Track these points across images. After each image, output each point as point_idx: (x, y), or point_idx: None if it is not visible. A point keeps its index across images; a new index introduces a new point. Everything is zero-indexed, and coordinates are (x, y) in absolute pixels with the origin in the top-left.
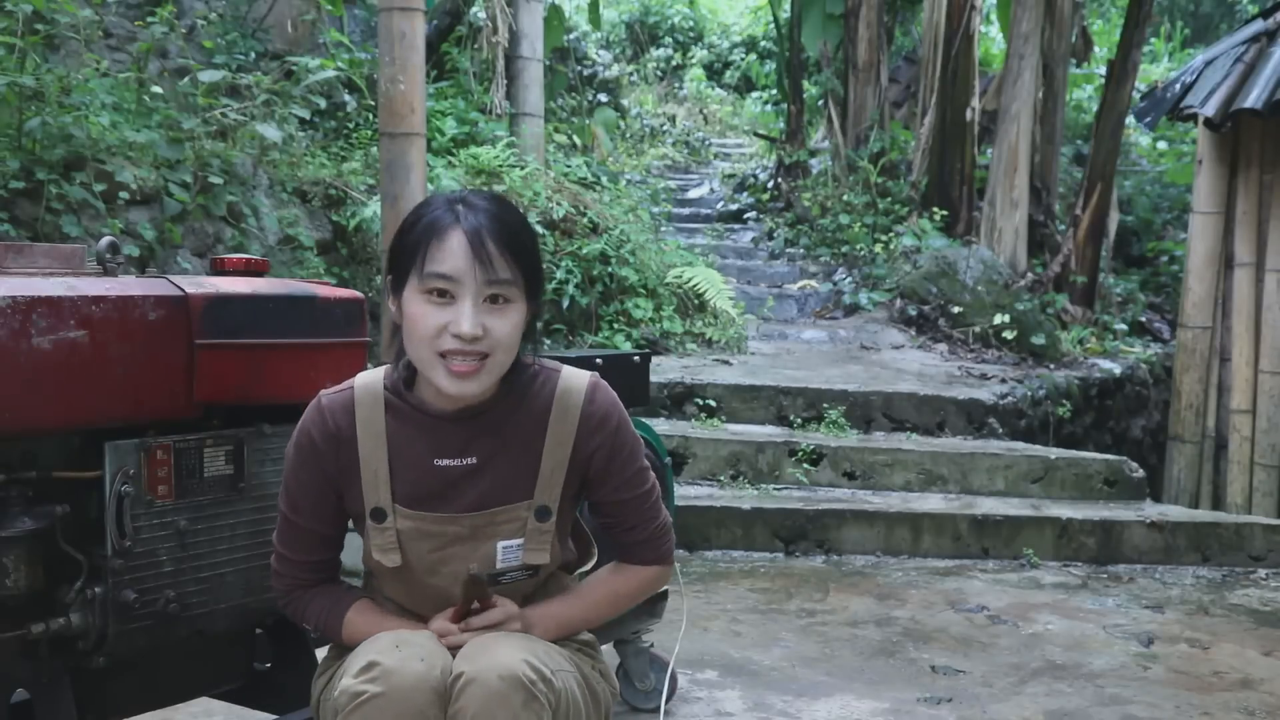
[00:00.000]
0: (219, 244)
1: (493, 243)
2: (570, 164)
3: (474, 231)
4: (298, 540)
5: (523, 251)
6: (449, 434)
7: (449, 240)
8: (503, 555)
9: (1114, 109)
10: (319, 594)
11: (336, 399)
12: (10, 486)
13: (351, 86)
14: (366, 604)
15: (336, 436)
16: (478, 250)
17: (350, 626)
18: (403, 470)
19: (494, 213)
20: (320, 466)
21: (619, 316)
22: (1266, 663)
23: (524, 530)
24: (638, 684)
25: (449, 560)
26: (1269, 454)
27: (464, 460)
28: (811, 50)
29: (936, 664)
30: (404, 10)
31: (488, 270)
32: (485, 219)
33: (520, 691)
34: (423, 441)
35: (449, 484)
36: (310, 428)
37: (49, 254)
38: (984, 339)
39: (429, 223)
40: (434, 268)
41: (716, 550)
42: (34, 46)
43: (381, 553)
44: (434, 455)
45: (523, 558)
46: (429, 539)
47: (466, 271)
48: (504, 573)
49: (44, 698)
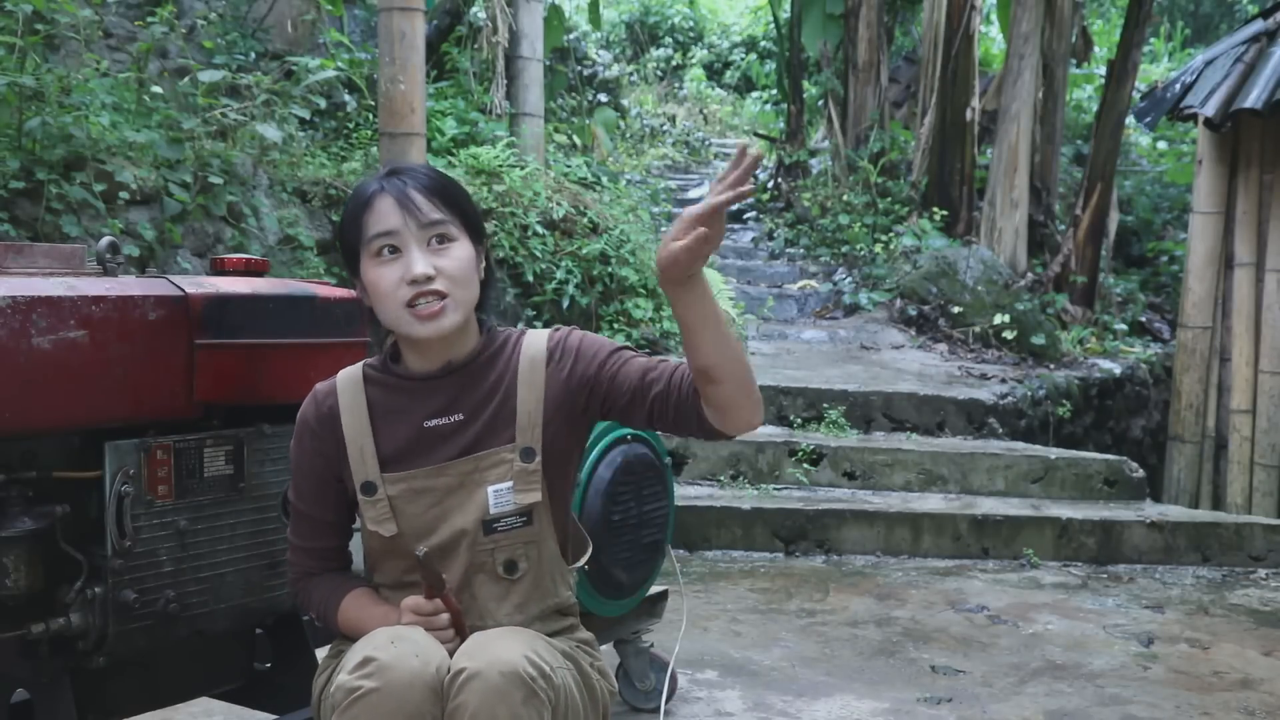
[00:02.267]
0: (219, 244)
1: (417, 193)
2: (570, 164)
3: (398, 190)
4: (305, 528)
5: (449, 194)
6: (436, 393)
7: (380, 204)
8: (494, 500)
9: (1114, 109)
10: (322, 582)
11: (326, 384)
12: (10, 486)
13: (351, 86)
14: (362, 593)
15: (329, 417)
16: (404, 202)
17: (343, 613)
18: (393, 438)
19: (415, 171)
20: (320, 450)
21: (619, 316)
22: (1266, 663)
23: (511, 472)
24: (638, 684)
25: (445, 516)
26: (1269, 454)
27: (452, 418)
28: (811, 50)
29: (936, 664)
30: (404, 10)
31: (418, 215)
32: (408, 178)
33: (521, 688)
34: (412, 407)
35: (438, 440)
36: (307, 414)
37: (49, 254)
38: (984, 339)
39: (359, 198)
40: (373, 230)
41: (716, 550)
42: (34, 46)
43: (377, 524)
44: (424, 418)
45: (514, 499)
46: (422, 497)
47: (401, 223)
48: (499, 518)
49: (44, 698)
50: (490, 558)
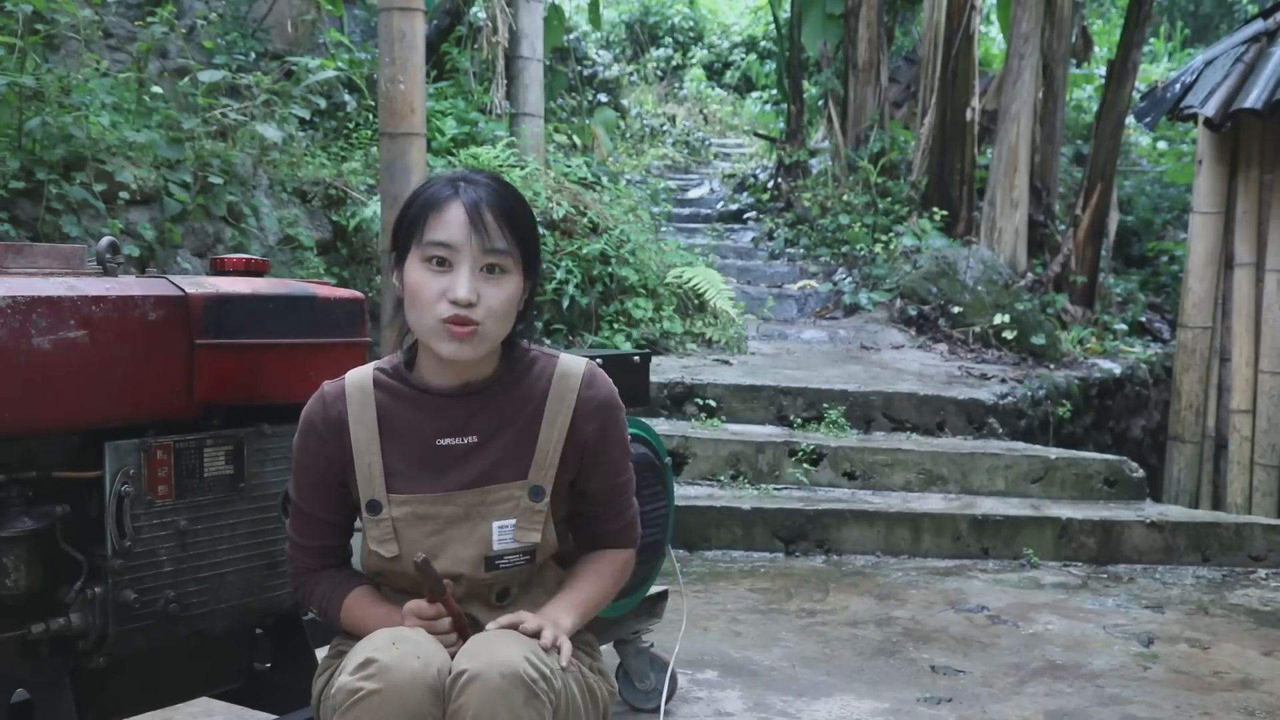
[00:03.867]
0: (219, 244)
1: (490, 214)
2: (570, 164)
3: (472, 203)
4: (305, 526)
5: (519, 225)
6: (450, 412)
7: (448, 211)
8: (498, 536)
9: (1114, 109)
10: (325, 578)
11: (335, 387)
12: (10, 486)
13: (351, 86)
14: (365, 590)
15: (337, 422)
16: (475, 220)
17: (346, 611)
18: (402, 454)
19: (493, 188)
20: (324, 454)
21: (619, 316)
22: (1266, 663)
23: (517, 510)
24: (638, 684)
25: (446, 544)
26: (1269, 454)
27: (465, 439)
28: (811, 50)
29: (936, 664)
30: (404, 10)
31: (484, 239)
32: (484, 193)
33: (522, 689)
34: (425, 422)
35: (449, 463)
36: (313, 416)
37: (49, 254)
38: (984, 339)
39: (429, 196)
40: (433, 236)
41: (716, 550)
42: (34, 46)
43: (378, 544)
44: (436, 435)
45: (517, 538)
46: (425, 523)
47: (464, 240)
48: (501, 555)
49: (44, 698)
50: (487, 590)
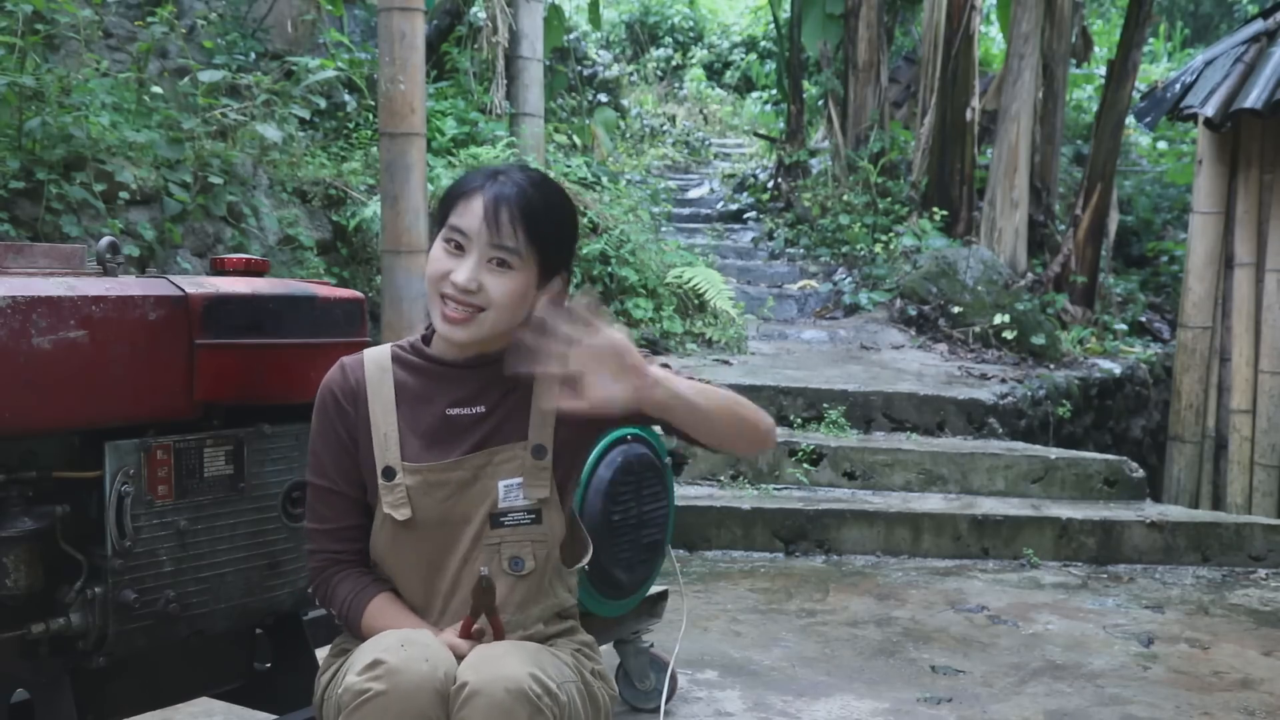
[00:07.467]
0: (219, 244)
1: (508, 212)
2: (570, 164)
3: (493, 199)
4: (325, 507)
5: (538, 225)
6: (462, 383)
7: (473, 201)
8: (504, 494)
9: (1114, 109)
10: (347, 578)
11: (355, 359)
12: (10, 486)
13: (351, 86)
14: (390, 599)
15: (355, 392)
16: (490, 215)
17: (369, 618)
18: (415, 424)
19: (522, 187)
20: (343, 423)
21: (619, 317)
22: (1266, 663)
23: (522, 468)
24: (638, 684)
25: (457, 505)
26: (1269, 454)
27: (474, 409)
28: (811, 50)
29: (936, 664)
30: (404, 10)
31: (494, 234)
32: (511, 190)
33: (525, 705)
34: (438, 393)
35: (456, 433)
36: (332, 385)
37: (49, 254)
38: (984, 339)
39: (464, 183)
40: (455, 221)
41: (716, 550)
42: (34, 46)
43: (393, 508)
44: (447, 406)
45: (523, 495)
46: (437, 490)
47: (477, 231)
48: (506, 512)
49: (44, 698)
50: (496, 553)
